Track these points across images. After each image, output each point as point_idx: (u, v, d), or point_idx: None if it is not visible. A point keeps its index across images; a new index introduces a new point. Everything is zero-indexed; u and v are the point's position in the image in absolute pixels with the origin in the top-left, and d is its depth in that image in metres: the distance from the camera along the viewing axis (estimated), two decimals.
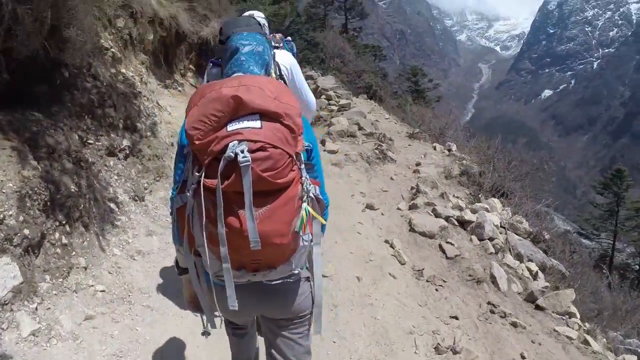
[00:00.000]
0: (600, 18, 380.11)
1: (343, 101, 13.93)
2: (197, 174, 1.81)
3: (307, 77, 21.73)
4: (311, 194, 1.94)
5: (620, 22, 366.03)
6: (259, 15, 4.00)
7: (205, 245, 1.84)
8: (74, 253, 4.38)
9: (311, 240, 2.03)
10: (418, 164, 9.35)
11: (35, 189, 3.98)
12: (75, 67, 5.70)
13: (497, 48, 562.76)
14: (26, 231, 3.70)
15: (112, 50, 7.08)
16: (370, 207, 7.10)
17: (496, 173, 9.12)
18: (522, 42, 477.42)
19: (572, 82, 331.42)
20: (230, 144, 1.71)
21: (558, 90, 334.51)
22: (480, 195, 7.97)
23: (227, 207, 1.75)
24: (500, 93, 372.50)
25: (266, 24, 3.74)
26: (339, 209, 6.99)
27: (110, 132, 6.03)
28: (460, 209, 7.12)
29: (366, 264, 5.81)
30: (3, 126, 4.18)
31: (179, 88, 10.00)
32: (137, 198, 5.99)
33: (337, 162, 8.89)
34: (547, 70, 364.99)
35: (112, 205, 5.51)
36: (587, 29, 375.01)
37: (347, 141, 10.10)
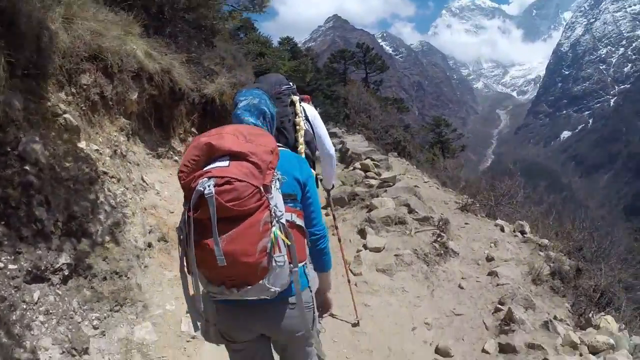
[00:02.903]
0: (613, 55, 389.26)
1: (386, 173, 10.42)
2: (185, 206, 2.18)
3: (331, 135, 19.54)
4: (283, 220, 2.25)
5: (633, 57, 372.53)
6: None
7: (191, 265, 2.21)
8: None
9: (289, 262, 2.29)
10: (490, 259, 6.96)
11: None
12: None
13: (514, 93, 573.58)
14: None
15: (66, 116, 4.94)
16: (443, 353, 4.61)
17: (598, 270, 6.78)
18: (538, 85, 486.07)
19: (590, 121, 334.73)
20: (200, 181, 2.10)
21: (577, 130, 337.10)
22: (590, 314, 5.59)
23: (204, 232, 2.10)
24: (519, 137, 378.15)
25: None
26: (397, 356, 4.69)
27: (38, 244, 3.92)
28: (574, 345, 4.71)
29: None
30: None
31: (176, 157, 7.93)
32: (75, 351, 3.76)
33: (386, 267, 6.47)
34: (564, 111, 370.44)
35: None
36: (601, 67, 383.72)
37: (395, 231, 7.61)
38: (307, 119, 3.75)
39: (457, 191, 13.54)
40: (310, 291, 2.60)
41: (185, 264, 2.28)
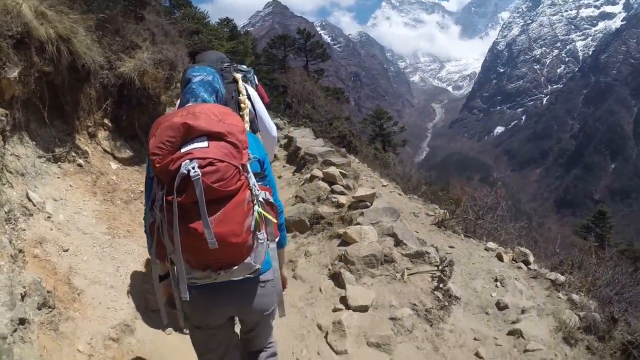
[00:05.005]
0: (548, 56, 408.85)
1: (360, 190, 7.34)
2: (161, 192, 2.11)
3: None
4: (261, 198, 2.30)
5: (567, 59, 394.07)
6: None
7: (175, 251, 2.14)
8: None
9: (266, 239, 2.38)
10: (503, 307, 5.15)
11: None
12: None
13: (450, 88, 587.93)
14: None
15: None
16: None
17: (626, 314, 5.24)
18: (473, 81, 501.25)
19: (523, 118, 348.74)
20: (183, 163, 2.04)
21: (510, 126, 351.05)
22: None
23: (186, 216, 2.05)
24: (453, 131, 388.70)
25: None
26: None
27: None
28: None
29: None
30: None
31: (81, 160, 5.82)
32: None
33: (382, 340, 4.44)
34: (498, 107, 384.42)
35: None
36: (535, 67, 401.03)
37: (382, 275, 5.57)
38: (249, 97, 3.64)
39: (419, 197, 11.86)
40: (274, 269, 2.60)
41: (157, 252, 2.29)
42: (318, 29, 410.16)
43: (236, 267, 2.24)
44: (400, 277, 5.45)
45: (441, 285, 5.34)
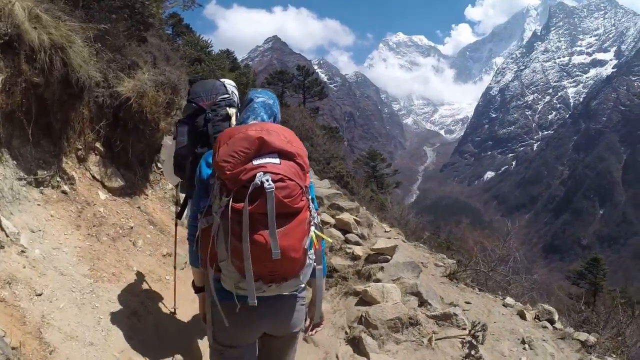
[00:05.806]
0: (539, 102, 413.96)
1: (381, 242, 6.48)
2: (226, 198, 2.16)
3: None
4: (316, 220, 2.42)
5: (558, 105, 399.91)
6: (229, 83, 4.21)
7: (229, 259, 2.19)
8: None
9: (314, 260, 2.45)
10: None
11: None
12: None
13: (442, 132, 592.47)
14: None
15: None
16: None
17: None
18: (465, 126, 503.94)
19: (514, 163, 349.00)
20: (258, 174, 2.11)
21: (500, 171, 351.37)
22: None
23: (252, 225, 2.08)
24: (444, 175, 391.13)
25: (235, 92, 4.14)
26: None
27: None
28: None
29: None
30: None
31: (66, 186, 5.14)
32: None
33: None
34: (489, 152, 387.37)
35: None
36: (527, 113, 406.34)
37: (407, 340, 4.85)
38: None
39: (422, 243, 11.18)
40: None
41: (207, 258, 2.31)
42: (315, 67, 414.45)
43: (288, 281, 2.30)
44: (428, 343, 4.76)
45: (472, 353, 4.66)
